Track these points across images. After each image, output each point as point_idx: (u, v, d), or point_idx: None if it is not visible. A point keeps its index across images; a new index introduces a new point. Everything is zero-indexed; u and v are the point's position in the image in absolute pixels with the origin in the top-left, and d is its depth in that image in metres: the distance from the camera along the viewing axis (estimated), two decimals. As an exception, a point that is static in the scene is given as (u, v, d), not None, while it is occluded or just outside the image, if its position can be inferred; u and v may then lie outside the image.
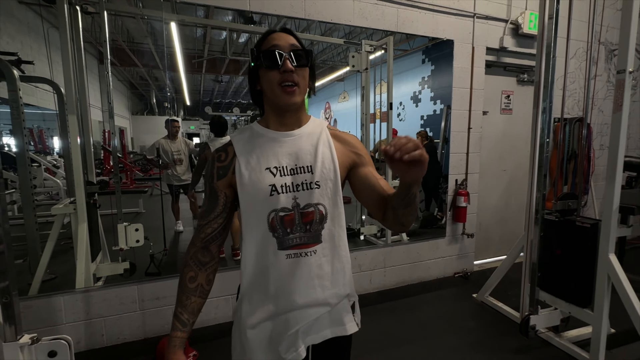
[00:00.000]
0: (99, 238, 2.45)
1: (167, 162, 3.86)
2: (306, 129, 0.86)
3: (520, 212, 3.43)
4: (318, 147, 0.84)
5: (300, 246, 0.81)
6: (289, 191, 0.80)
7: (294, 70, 0.78)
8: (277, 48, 0.78)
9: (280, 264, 0.80)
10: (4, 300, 1.02)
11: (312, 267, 0.82)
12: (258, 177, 0.80)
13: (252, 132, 0.86)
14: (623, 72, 1.72)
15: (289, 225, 0.80)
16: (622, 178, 1.85)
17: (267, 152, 0.83)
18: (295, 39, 0.82)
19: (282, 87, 0.78)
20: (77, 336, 2.08)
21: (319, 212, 0.82)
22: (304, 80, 0.81)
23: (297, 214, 0.81)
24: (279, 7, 2.34)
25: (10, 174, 3.88)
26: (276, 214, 0.80)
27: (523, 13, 3.09)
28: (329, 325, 0.86)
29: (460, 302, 2.75)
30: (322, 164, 0.82)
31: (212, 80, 8.58)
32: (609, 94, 3.76)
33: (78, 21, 2.13)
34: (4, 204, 1.02)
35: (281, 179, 0.80)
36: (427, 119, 4.08)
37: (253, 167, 0.81)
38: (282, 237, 0.80)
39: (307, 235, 0.81)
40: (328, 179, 0.82)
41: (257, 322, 0.83)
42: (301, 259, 0.81)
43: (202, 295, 0.86)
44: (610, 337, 2.10)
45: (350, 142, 0.90)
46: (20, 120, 2.18)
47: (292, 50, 0.79)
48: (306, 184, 0.81)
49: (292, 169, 0.82)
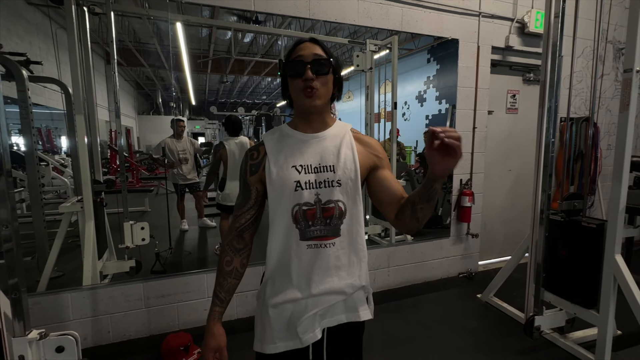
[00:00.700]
0: (105, 236, 2.48)
1: (172, 162, 3.89)
2: (331, 132, 0.94)
3: (525, 212, 3.40)
4: (341, 148, 0.91)
5: (320, 238, 0.89)
6: (312, 187, 0.88)
7: (314, 79, 0.85)
8: (300, 58, 0.86)
9: (302, 253, 0.89)
10: (13, 296, 1.04)
11: (330, 257, 0.89)
12: (285, 174, 0.88)
13: (282, 133, 0.95)
14: (630, 71, 1.70)
15: (310, 218, 0.88)
16: (629, 178, 1.83)
17: (294, 151, 0.91)
18: (321, 48, 0.89)
19: (304, 92, 0.86)
20: (83, 332, 2.12)
21: (338, 208, 0.89)
22: (326, 86, 0.88)
23: (319, 208, 0.88)
24: (283, 7, 2.35)
25: (19, 172, 3.93)
26: (300, 207, 0.88)
27: (529, 12, 3.07)
28: (344, 311, 0.94)
29: (465, 303, 2.74)
30: (344, 164, 0.90)
31: (218, 81, 8.62)
32: (616, 93, 3.71)
33: (85, 22, 2.16)
34: (13, 202, 1.04)
35: (305, 176, 0.88)
36: (432, 118, 4.07)
37: (281, 165, 0.89)
38: (304, 228, 0.88)
39: (326, 228, 0.89)
40: (349, 179, 0.89)
41: (279, 302, 0.91)
42: (320, 249, 0.89)
43: (236, 277, 0.97)
44: (616, 338, 2.09)
45: (371, 145, 0.97)
46: (29, 119, 2.22)
47: (314, 60, 0.86)
48: (328, 182, 0.88)
49: (316, 167, 0.89)
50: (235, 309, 2.46)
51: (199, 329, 2.34)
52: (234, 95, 10.43)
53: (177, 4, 2.20)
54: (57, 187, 4.44)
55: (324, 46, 0.90)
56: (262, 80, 8.79)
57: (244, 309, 2.48)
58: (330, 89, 0.91)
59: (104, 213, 2.46)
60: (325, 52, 0.89)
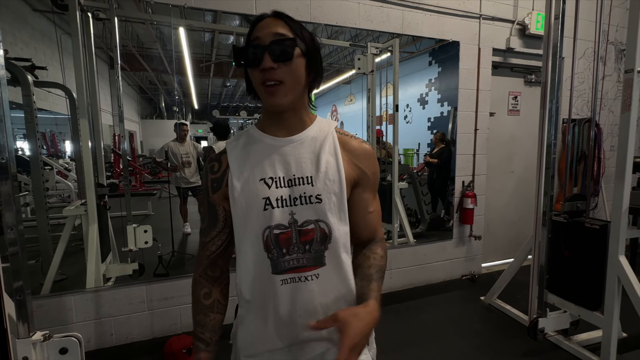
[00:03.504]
0: (108, 239, 2.50)
1: (175, 165, 3.92)
2: (309, 133, 0.74)
3: (528, 214, 3.39)
4: (321, 154, 0.72)
5: (298, 269, 0.70)
6: (285, 205, 0.69)
7: (274, 67, 0.65)
8: (257, 41, 0.66)
9: (277, 290, 0.70)
10: (17, 298, 1.05)
11: (314, 294, 0.70)
12: (251, 189, 0.70)
13: (248, 138, 0.76)
14: (631, 72, 1.70)
15: (284, 244, 0.69)
16: (633, 179, 1.82)
17: (262, 160, 0.72)
18: (285, 24, 0.68)
19: (265, 87, 0.67)
20: (87, 335, 2.12)
21: (320, 230, 0.70)
22: (293, 75, 0.67)
23: (295, 231, 0.69)
24: (285, 11, 2.35)
25: (24, 176, 3.97)
26: (270, 231, 0.69)
27: (530, 13, 3.07)
28: None
29: (468, 305, 2.72)
30: (325, 174, 0.71)
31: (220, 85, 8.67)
32: (619, 94, 3.70)
33: (90, 27, 2.19)
34: (18, 206, 1.05)
35: (277, 191, 0.70)
36: (434, 121, 4.07)
37: (246, 178, 0.71)
38: (276, 258, 0.70)
39: (306, 256, 0.70)
40: (332, 193, 0.70)
41: (255, 353, 0.75)
42: (301, 284, 0.70)
43: (220, 311, 0.80)
44: (621, 341, 2.07)
45: (357, 154, 0.76)
46: (34, 124, 2.25)
47: (272, 42, 0.65)
48: (305, 198, 0.70)
49: (290, 179, 0.71)
50: (238, 311, 2.46)
51: (202, 331, 2.34)
52: (236, 99, 10.48)
53: (180, 9, 2.23)
54: (61, 191, 4.47)
55: (290, 21, 0.69)
56: (264, 83, 8.80)
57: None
58: (302, 78, 0.69)
59: (108, 216, 2.48)
60: (291, 28, 0.68)
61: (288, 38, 0.66)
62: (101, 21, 2.21)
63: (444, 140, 3.64)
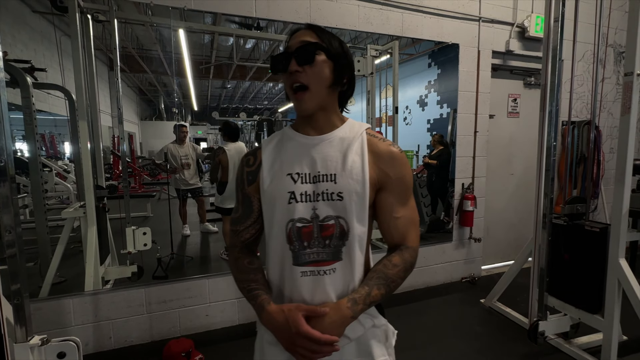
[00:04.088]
0: (107, 241, 2.49)
1: (175, 167, 3.91)
2: (338, 133, 0.78)
3: (528, 216, 3.39)
4: (348, 154, 0.75)
5: (317, 263, 0.74)
6: (309, 200, 0.74)
7: (300, 70, 0.71)
8: (287, 49, 0.73)
9: (297, 281, 0.74)
10: (15, 302, 1.05)
11: (330, 287, 0.74)
12: (278, 183, 0.75)
13: (283, 136, 0.82)
14: (631, 75, 1.70)
15: (306, 238, 0.74)
16: (632, 182, 1.82)
17: (292, 157, 0.77)
18: (314, 33, 0.74)
19: (294, 94, 0.73)
20: (85, 338, 2.11)
21: (339, 227, 0.74)
22: (317, 77, 0.72)
23: (316, 226, 0.74)
24: (284, 13, 2.37)
25: (23, 178, 3.96)
26: (293, 224, 0.74)
27: (529, 16, 3.08)
28: (356, 355, 0.78)
29: (468, 308, 2.72)
30: (349, 173, 0.74)
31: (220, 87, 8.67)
32: (618, 96, 3.71)
33: (89, 29, 2.19)
34: (16, 208, 1.04)
35: (301, 186, 0.74)
36: (433, 122, 4.07)
37: (275, 173, 0.77)
38: (298, 251, 0.74)
39: (325, 251, 0.74)
40: (353, 192, 0.73)
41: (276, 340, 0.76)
42: (319, 277, 0.74)
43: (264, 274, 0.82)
44: (621, 344, 2.07)
45: (382, 156, 0.77)
46: (33, 126, 2.24)
47: (298, 48, 0.71)
48: (327, 194, 0.73)
49: (315, 176, 0.75)
50: (237, 314, 2.45)
51: (201, 334, 2.33)
52: (235, 101, 10.49)
53: (179, 11, 2.23)
54: (60, 193, 4.46)
55: (320, 31, 0.75)
56: (263, 85, 8.84)
57: (245, 315, 2.47)
58: (326, 80, 0.74)
59: (107, 218, 2.47)
60: (318, 36, 0.74)
61: (311, 43, 0.72)
62: (101, 23, 2.21)
63: (442, 142, 3.63)
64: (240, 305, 2.45)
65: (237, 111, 10.31)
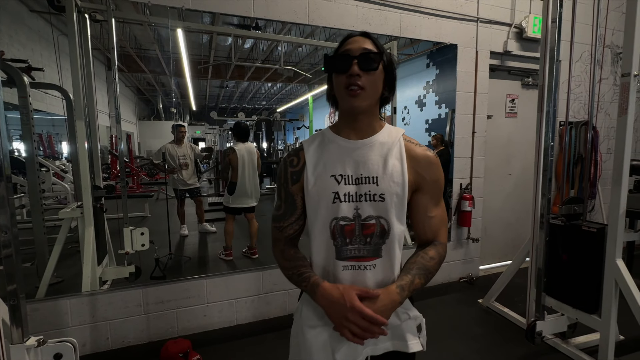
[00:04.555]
0: (105, 242, 2.48)
1: (173, 167, 3.90)
2: (378, 138, 0.83)
3: (525, 217, 3.40)
4: (388, 158, 0.81)
5: (358, 259, 0.81)
6: (352, 200, 0.80)
7: (360, 74, 0.76)
8: (347, 52, 0.78)
9: (339, 274, 0.81)
10: (11, 303, 1.04)
11: (370, 281, 0.81)
12: (323, 184, 0.81)
13: (323, 138, 0.87)
14: (628, 76, 1.71)
15: (348, 235, 0.80)
16: (629, 182, 1.83)
17: (335, 159, 0.82)
18: (372, 42, 0.80)
19: (348, 90, 0.77)
20: (82, 339, 2.10)
21: (380, 226, 0.80)
22: (374, 84, 0.78)
23: (358, 224, 0.80)
24: (283, 14, 2.37)
25: (20, 178, 3.94)
26: (337, 222, 0.80)
27: (527, 17, 3.09)
28: (391, 339, 0.85)
29: (466, 308, 2.72)
30: (390, 176, 0.80)
31: (219, 87, 8.66)
32: (615, 97, 3.73)
33: (87, 29, 2.18)
34: (12, 209, 1.04)
35: (345, 187, 0.80)
36: (432, 123, 4.08)
37: (319, 174, 0.82)
38: (340, 246, 0.81)
39: (366, 247, 0.80)
40: (394, 193, 0.79)
41: (317, 324, 0.83)
42: (360, 272, 0.80)
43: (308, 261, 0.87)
44: (618, 344, 2.07)
45: (419, 161, 0.84)
46: (30, 125, 2.23)
47: (362, 54, 0.77)
48: (370, 195, 0.79)
49: (357, 178, 0.81)
50: (235, 315, 2.45)
51: (198, 335, 2.32)
52: (234, 101, 10.48)
53: (177, 10, 2.22)
54: (58, 193, 4.44)
55: (375, 41, 0.81)
56: (262, 85, 8.83)
57: (243, 315, 2.46)
58: (379, 89, 0.80)
59: (104, 218, 2.46)
60: (376, 46, 0.80)
61: (375, 52, 0.78)
62: (98, 22, 2.20)
63: (443, 142, 3.65)
64: (238, 305, 2.45)
65: (236, 111, 10.31)
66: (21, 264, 1.07)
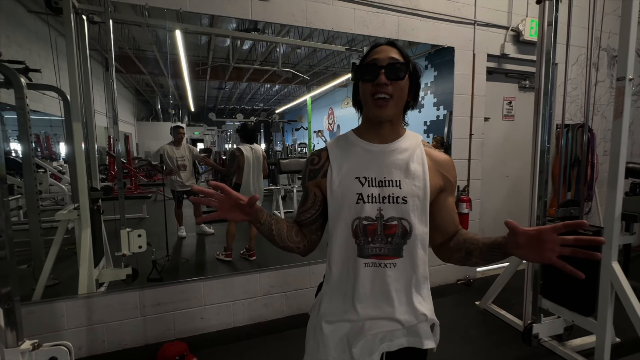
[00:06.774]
0: (102, 244, 2.47)
1: (171, 168, 3.89)
2: (401, 143, 0.88)
3: (522, 219, 3.40)
4: (410, 162, 0.85)
5: (380, 257, 0.84)
6: (375, 202, 0.83)
7: (388, 84, 0.80)
8: (375, 62, 0.81)
9: (360, 271, 0.84)
10: (5, 306, 1.04)
11: (390, 279, 0.84)
12: (347, 185, 0.85)
13: (347, 141, 0.91)
14: (623, 79, 1.72)
15: (370, 234, 0.83)
16: (625, 185, 1.83)
17: (359, 162, 0.86)
18: (398, 51, 0.83)
19: (375, 100, 0.81)
20: (78, 342, 2.09)
21: (402, 227, 0.83)
22: (400, 93, 0.82)
23: (380, 225, 0.83)
24: (281, 16, 2.37)
25: (17, 179, 3.93)
26: (360, 222, 0.83)
27: (524, 20, 3.10)
28: (406, 335, 0.88)
29: (463, 310, 2.72)
30: (412, 180, 0.84)
31: (217, 88, 8.66)
32: (611, 99, 3.74)
33: (84, 30, 2.18)
34: (7, 210, 1.04)
35: (369, 189, 0.83)
36: (430, 124, 4.09)
37: (344, 175, 0.86)
38: (362, 244, 0.84)
39: (387, 247, 0.84)
40: (416, 196, 0.83)
41: (335, 320, 0.87)
42: (380, 269, 0.84)
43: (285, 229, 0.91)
44: (614, 346, 2.08)
45: (443, 164, 0.90)
46: (27, 127, 2.22)
47: (389, 64, 0.80)
48: (392, 198, 0.83)
49: (381, 181, 0.84)
50: (232, 317, 2.44)
51: (195, 337, 2.32)
52: (232, 102, 10.48)
53: (176, 12, 2.22)
54: (55, 194, 4.43)
55: (401, 50, 0.84)
56: (260, 87, 8.83)
57: (240, 318, 2.46)
58: (405, 97, 0.85)
59: (101, 220, 2.45)
60: (402, 55, 0.83)
61: (402, 62, 0.82)
62: (96, 24, 2.20)
63: (443, 144, 3.66)
64: (235, 307, 2.45)
65: (234, 112, 10.30)
66: (16, 266, 1.07)
